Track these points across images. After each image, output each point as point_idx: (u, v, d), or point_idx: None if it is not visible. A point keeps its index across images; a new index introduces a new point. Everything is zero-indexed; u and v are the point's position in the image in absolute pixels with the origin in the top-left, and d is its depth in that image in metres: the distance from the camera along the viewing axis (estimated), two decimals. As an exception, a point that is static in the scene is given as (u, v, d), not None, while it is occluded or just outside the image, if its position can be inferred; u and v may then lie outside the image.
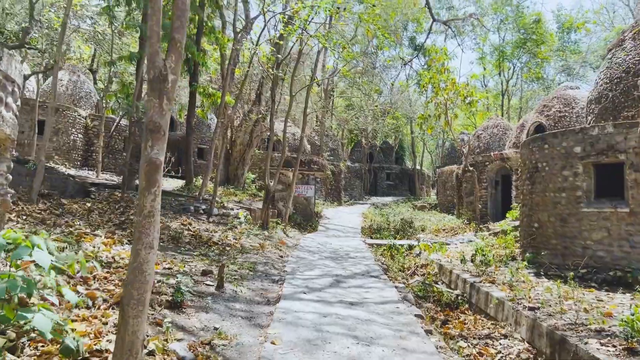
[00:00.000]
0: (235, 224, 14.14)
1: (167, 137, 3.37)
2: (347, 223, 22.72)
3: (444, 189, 33.19)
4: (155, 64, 3.10)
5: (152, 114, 3.07)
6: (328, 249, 13.76)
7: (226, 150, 27.30)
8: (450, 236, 19.72)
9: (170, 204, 14.49)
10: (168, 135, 3.36)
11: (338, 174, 34.24)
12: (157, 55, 3.17)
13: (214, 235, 11.38)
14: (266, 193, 16.50)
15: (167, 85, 3.11)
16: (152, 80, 3.11)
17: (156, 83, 3.09)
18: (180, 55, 3.27)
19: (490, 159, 21.46)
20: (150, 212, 3.07)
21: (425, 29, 46.20)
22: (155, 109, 3.07)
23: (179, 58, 3.25)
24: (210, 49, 27.86)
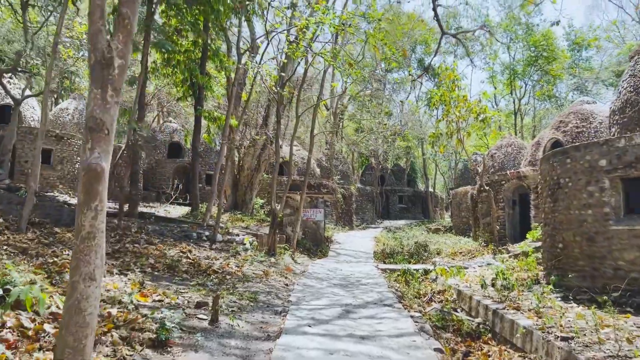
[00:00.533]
0: (239, 250, 13.43)
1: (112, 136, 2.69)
2: (359, 248, 21.87)
3: (459, 211, 32.23)
4: (98, 45, 2.45)
5: (92, 107, 2.42)
6: (338, 275, 12.95)
7: (234, 176, 26.76)
8: (468, 259, 18.78)
9: (171, 231, 13.83)
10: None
11: (349, 197, 33.48)
12: (99, 34, 2.53)
13: (214, 263, 10.65)
14: (273, 218, 15.79)
15: (113, 72, 2.46)
16: (94, 65, 2.47)
17: (98, 69, 2.45)
18: (130, 35, 2.63)
19: (506, 177, 20.61)
20: (91, 233, 2.38)
21: (433, 50, 45.88)
22: (96, 101, 2.42)
23: (129, 38, 2.62)
24: (217, 74, 27.58)
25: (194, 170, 21.94)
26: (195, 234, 14.19)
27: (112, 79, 2.46)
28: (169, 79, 22.15)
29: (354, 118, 41.28)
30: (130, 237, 11.46)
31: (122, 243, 10.79)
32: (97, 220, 2.44)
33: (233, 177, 26.65)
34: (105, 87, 2.43)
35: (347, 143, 43.65)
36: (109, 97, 2.45)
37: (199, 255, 11.22)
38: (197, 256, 11.08)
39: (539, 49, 36.14)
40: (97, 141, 2.46)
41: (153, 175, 32.26)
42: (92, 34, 2.56)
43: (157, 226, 14.39)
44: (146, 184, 31.80)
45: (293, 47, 14.17)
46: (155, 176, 32.33)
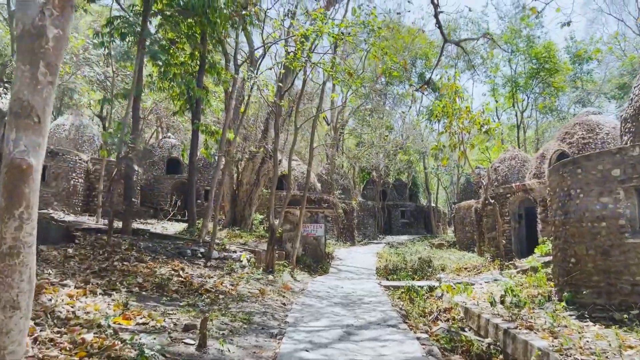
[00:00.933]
0: (236, 267, 12.84)
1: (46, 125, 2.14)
2: (361, 264, 21.24)
3: (462, 225, 31.60)
4: (26, 11, 1.92)
5: (18, 87, 1.89)
6: (339, 293, 12.33)
7: (232, 191, 26.23)
8: (473, 275, 18.15)
9: (165, 247, 13.26)
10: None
11: (350, 212, 32.88)
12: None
13: (207, 282, 10.06)
14: (271, 233, 15.22)
15: (46, 44, 1.94)
16: (21, 36, 1.95)
17: (27, 40, 1.93)
18: (68, 0, 2.11)
19: (511, 190, 20.06)
20: (13, 248, 1.84)
21: (434, 64, 45.64)
22: (24, 80, 1.89)
23: (68, 3, 2.09)
24: (215, 89, 27.23)
25: (191, 185, 21.43)
26: (189, 251, 13.62)
27: (45, 53, 1.94)
28: (165, 92, 21.77)
29: (355, 132, 40.85)
30: (120, 254, 10.89)
31: (110, 261, 10.22)
32: (23, 231, 1.89)
33: (232, 192, 26.11)
34: (36, 63, 1.91)
35: (347, 157, 43.22)
36: (41, 76, 1.92)
37: (191, 274, 10.64)
38: (190, 274, 10.50)
39: (540, 61, 35.83)
40: (24, 130, 1.91)
41: (151, 192, 31.75)
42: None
43: (151, 243, 13.82)
44: (144, 200, 31.28)
45: (291, 57, 13.74)
46: (153, 192, 31.82)
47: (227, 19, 15.45)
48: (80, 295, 7.19)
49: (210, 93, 22.54)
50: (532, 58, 36.43)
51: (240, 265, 14.66)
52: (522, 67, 39.11)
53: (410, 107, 52.39)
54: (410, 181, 51.33)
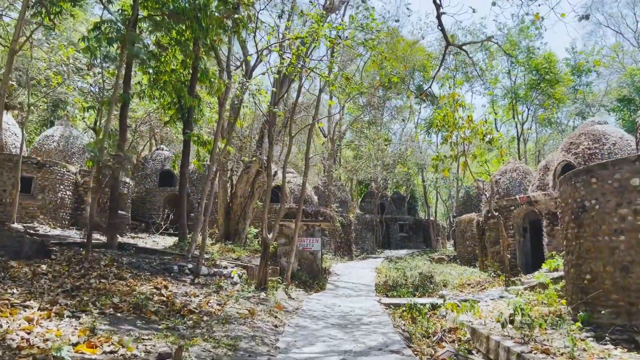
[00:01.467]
0: (225, 285, 11.99)
1: None
2: (359, 280, 20.36)
3: (463, 240, 30.79)
4: None
5: None
6: (336, 312, 11.46)
7: (226, 204, 25.41)
8: (477, 292, 17.29)
9: (150, 263, 12.40)
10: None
11: (348, 225, 32.03)
12: None
13: (192, 301, 9.20)
14: (264, 247, 14.38)
15: None
16: None
17: None
18: None
19: (516, 203, 19.29)
20: None
21: (432, 76, 45.16)
22: None
23: None
24: (209, 99, 26.52)
25: (182, 198, 20.60)
26: (176, 267, 12.76)
27: None
28: (156, 102, 21.04)
29: (352, 144, 40.15)
30: (98, 270, 10.03)
31: (86, 278, 9.37)
32: None
33: (225, 205, 25.30)
34: None
35: (345, 169, 42.50)
36: None
37: (175, 292, 9.77)
38: (173, 293, 9.64)
39: (541, 72, 35.30)
40: None
41: (143, 205, 30.89)
42: None
43: (135, 258, 12.96)
44: (136, 213, 30.41)
45: (285, 62, 13.02)
46: (145, 206, 30.96)
47: (218, 23, 14.76)
48: (43, 319, 6.34)
49: (203, 102, 21.82)
50: (532, 69, 35.91)
51: (231, 282, 13.80)
52: (522, 78, 38.60)
53: (408, 118, 51.89)
54: (408, 194, 50.55)
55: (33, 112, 33.17)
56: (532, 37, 34.39)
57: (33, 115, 34.54)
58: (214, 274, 13.78)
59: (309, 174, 49.83)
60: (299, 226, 16.01)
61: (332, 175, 36.18)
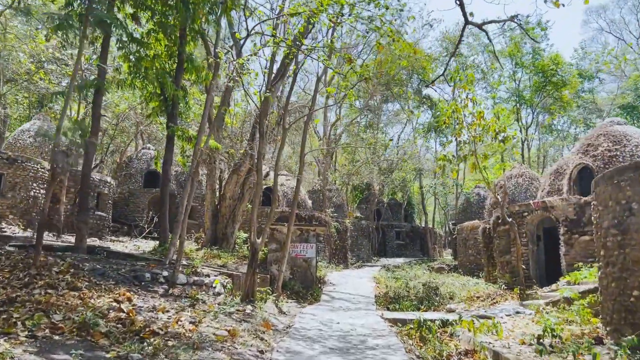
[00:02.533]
0: (205, 297, 10.22)
1: None
2: (357, 290, 18.61)
3: (465, 248, 29.10)
4: None
5: None
6: (335, 332, 9.70)
7: (214, 206, 23.62)
8: (488, 306, 15.60)
9: (117, 270, 10.61)
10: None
11: (344, 231, 30.27)
12: None
13: (158, 319, 7.43)
14: (252, 254, 12.64)
15: None
16: None
17: None
18: None
19: (529, 208, 17.65)
20: None
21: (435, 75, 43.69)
22: None
23: None
24: (200, 96, 24.82)
25: (164, 198, 18.82)
26: (149, 275, 10.97)
27: None
28: (139, 93, 19.31)
29: (349, 146, 38.53)
30: (47, 279, 8.24)
31: (29, 288, 7.59)
32: None
33: (213, 207, 23.49)
34: None
35: (340, 174, 40.86)
36: None
37: (140, 306, 7.99)
38: (137, 307, 7.85)
39: (547, 74, 33.82)
40: None
41: (126, 207, 29.01)
42: None
43: (103, 264, 11.17)
44: (118, 215, 28.52)
45: (279, 40, 11.32)
46: (128, 207, 29.08)
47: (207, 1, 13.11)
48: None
49: (190, 95, 20.10)
50: (537, 71, 34.39)
51: (213, 292, 12.03)
52: (528, 80, 37.06)
53: (406, 123, 50.41)
54: (405, 201, 48.88)
55: (12, 106, 31.26)
56: (537, 37, 32.93)
57: (13, 109, 32.61)
58: (194, 284, 12.00)
59: (304, 177, 48.15)
60: (291, 230, 14.27)
61: (327, 178, 34.47)
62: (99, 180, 24.51)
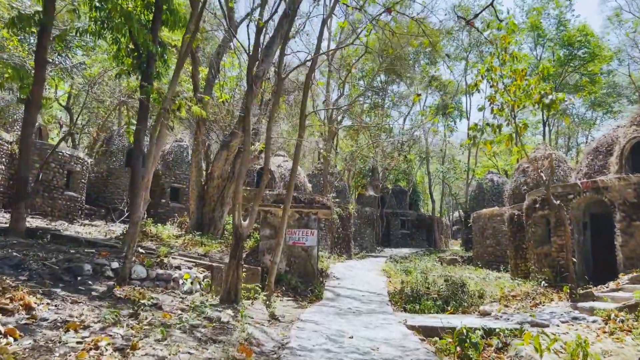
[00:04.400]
0: (166, 298, 7.22)
1: None
2: (366, 285, 15.64)
3: (482, 238, 26.14)
4: None
5: None
6: (347, 350, 6.69)
7: (200, 187, 20.60)
8: (529, 307, 12.64)
9: (45, 260, 7.60)
10: None
11: (347, 218, 27.27)
12: None
13: (57, 345, 4.41)
14: (235, 240, 9.63)
15: None
16: None
17: None
18: None
19: (575, 190, 14.63)
20: None
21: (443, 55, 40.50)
22: None
23: None
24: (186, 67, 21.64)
25: (136, 174, 15.74)
26: (89, 267, 7.97)
27: None
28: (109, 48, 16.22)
29: (352, 127, 35.51)
30: None
31: None
32: None
33: (199, 188, 20.47)
34: None
35: (342, 157, 37.86)
36: None
37: (45, 318, 4.97)
38: (36, 323, 4.84)
39: (575, 45, 30.54)
40: None
41: (104, 188, 25.93)
42: None
43: (34, 250, 8.16)
44: (95, 197, 25.46)
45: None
46: (107, 189, 26.00)
47: None
48: None
49: (169, 52, 16.97)
50: (563, 43, 31.09)
51: (182, 291, 9.02)
52: (550, 53, 33.76)
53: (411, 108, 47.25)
54: (411, 187, 45.81)
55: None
56: (559, 5, 29.65)
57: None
58: (157, 279, 9.01)
59: (303, 161, 45.08)
60: (288, 212, 11.24)
61: (328, 161, 31.39)
62: (69, 156, 21.43)
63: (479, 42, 38.65)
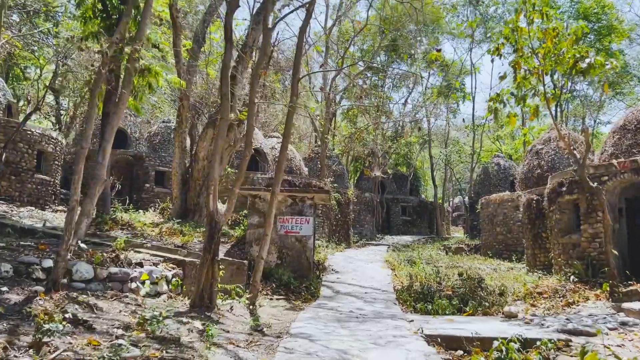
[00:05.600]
0: (109, 307, 5.30)
1: None
2: (368, 280, 13.74)
3: (492, 226, 24.26)
4: None
5: None
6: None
7: (184, 169, 18.66)
8: (562, 307, 10.80)
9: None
10: None
11: (346, 204, 25.35)
12: None
13: None
14: (210, 230, 7.72)
15: None
16: None
17: None
18: None
19: (610, 170, 12.71)
20: None
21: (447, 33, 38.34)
22: None
23: None
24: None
25: (104, 153, 13.70)
26: (10, 267, 6.02)
27: None
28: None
29: (353, 105, 33.52)
30: None
31: None
32: None
33: (183, 170, 18.55)
34: None
35: (341, 140, 35.90)
36: None
37: None
38: None
39: (591, 18, 28.43)
40: None
41: (83, 170, 23.84)
42: None
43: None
44: (69, 181, 23.43)
45: None
46: (86, 171, 23.90)
47: None
48: None
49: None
50: (579, 15, 28.95)
51: (141, 295, 7.09)
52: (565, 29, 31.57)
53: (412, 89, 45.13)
54: (411, 172, 43.83)
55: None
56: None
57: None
58: (109, 279, 7.09)
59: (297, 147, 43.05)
60: (277, 196, 9.30)
61: (326, 143, 29.41)
62: (39, 135, 19.38)
63: (485, 18, 36.51)
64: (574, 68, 11.59)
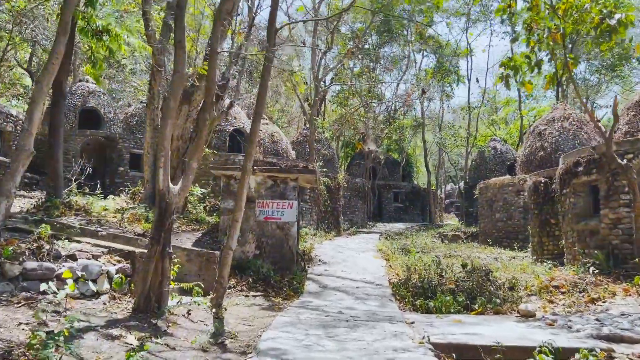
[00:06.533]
0: None
1: None
2: (360, 272, 12.13)
3: (491, 212, 22.76)
4: None
5: None
6: None
7: (155, 150, 16.83)
8: (585, 304, 9.28)
9: None
10: None
11: (336, 189, 23.71)
12: None
13: None
14: (159, 214, 6.04)
15: None
16: None
17: None
18: None
19: (637, 147, 11.14)
20: None
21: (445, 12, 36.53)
22: None
23: None
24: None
25: (56, 127, 12.01)
26: None
27: None
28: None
29: (341, 83, 31.79)
30: None
31: None
32: None
33: (154, 151, 16.71)
34: None
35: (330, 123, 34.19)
36: None
37: None
38: None
39: None
40: None
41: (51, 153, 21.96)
42: None
43: None
44: (39, 164, 21.54)
45: None
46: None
47: None
48: None
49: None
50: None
51: (61, 297, 5.40)
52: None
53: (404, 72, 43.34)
54: (404, 158, 42.19)
55: None
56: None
57: None
58: (26, 278, 5.40)
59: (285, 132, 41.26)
60: (249, 173, 7.64)
61: (315, 125, 27.66)
62: (16, 117, 17.56)
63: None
64: (599, 27, 9.98)
